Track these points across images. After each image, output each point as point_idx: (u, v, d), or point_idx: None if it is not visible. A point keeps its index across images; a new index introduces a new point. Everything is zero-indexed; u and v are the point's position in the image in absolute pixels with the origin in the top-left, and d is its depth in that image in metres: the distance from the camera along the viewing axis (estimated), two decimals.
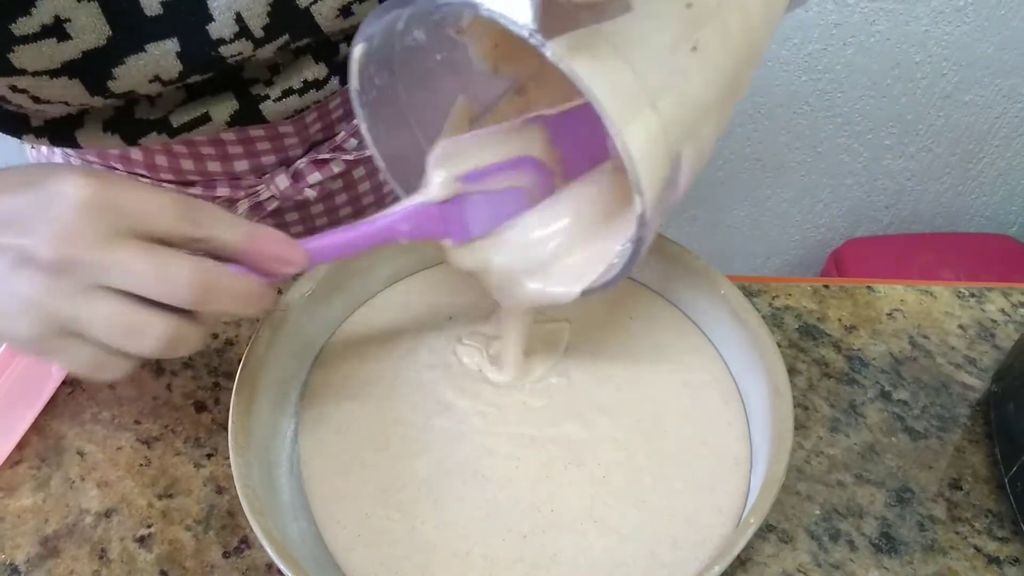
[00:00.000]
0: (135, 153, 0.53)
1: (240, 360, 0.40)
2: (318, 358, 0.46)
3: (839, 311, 0.52)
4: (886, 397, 0.47)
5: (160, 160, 0.53)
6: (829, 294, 0.53)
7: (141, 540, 0.41)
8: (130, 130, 0.48)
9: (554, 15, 0.27)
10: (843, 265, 1.23)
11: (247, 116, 0.49)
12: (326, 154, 0.57)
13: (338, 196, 0.61)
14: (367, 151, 0.49)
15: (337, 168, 0.57)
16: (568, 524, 0.39)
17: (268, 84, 0.48)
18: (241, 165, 0.54)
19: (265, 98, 0.48)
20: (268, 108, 0.49)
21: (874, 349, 0.50)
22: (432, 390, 0.44)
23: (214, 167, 0.54)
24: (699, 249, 0.46)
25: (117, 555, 0.40)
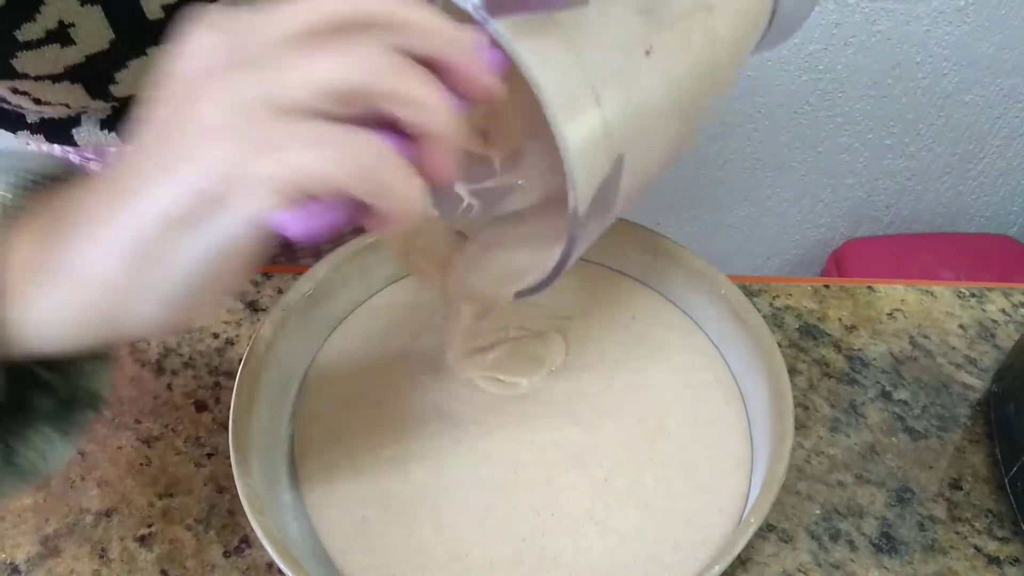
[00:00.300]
0: None
1: (240, 360, 0.40)
2: (318, 358, 0.46)
3: (839, 311, 0.52)
4: (886, 397, 0.47)
5: None
6: (829, 294, 0.53)
7: (141, 539, 0.41)
8: (127, 128, 0.47)
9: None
10: (843, 265, 1.23)
11: None
12: None
13: None
14: None
15: None
16: (568, 526, 0.39)
17: None
18: None
19: None
20: None
21: (874, 349, 0.50)
22: (432, 391, 0.44)
23: None
24: (699, 249, 0.46)
25: (117, 554, 0.40)
